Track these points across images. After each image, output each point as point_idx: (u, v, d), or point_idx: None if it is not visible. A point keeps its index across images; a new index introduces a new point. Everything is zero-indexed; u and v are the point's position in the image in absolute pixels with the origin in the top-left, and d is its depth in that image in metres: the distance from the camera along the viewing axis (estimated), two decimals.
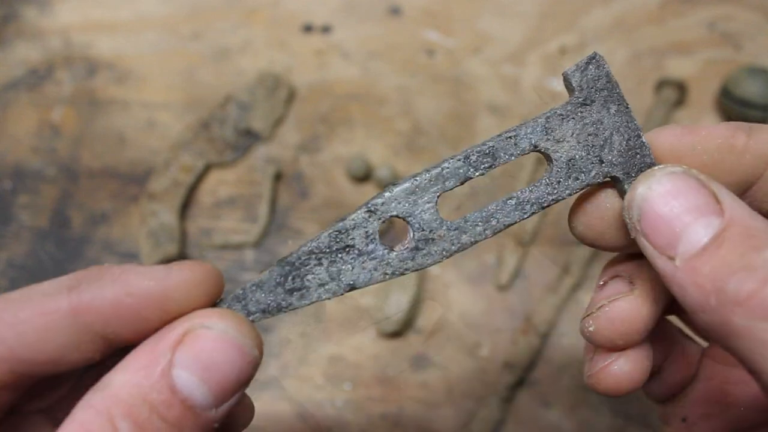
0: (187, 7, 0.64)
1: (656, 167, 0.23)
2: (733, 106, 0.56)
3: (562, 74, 0.25)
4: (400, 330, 0.51)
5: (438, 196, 0.24)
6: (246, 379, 0.23)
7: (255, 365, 0.23)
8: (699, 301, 0.20)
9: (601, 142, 0.24)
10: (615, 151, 0.24)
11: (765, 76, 0.55)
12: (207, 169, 0.58)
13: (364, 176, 0.56)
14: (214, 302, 0.23)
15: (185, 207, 0.57)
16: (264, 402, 0.50)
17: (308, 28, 0.63)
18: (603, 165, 0.24)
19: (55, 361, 0.22)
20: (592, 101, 0.24)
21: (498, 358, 0.51)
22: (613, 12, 0.63)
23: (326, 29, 0.63)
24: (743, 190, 0.24)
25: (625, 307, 0.25)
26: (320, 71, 0.62)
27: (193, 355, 0.22)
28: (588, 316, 0.26)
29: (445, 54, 0.62)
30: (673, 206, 0.21)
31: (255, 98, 0.59)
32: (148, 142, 0.59)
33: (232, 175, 0.58)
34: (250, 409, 0.27)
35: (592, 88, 0.25)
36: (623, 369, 0.26)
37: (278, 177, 0.57)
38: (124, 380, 0.21)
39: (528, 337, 0.50)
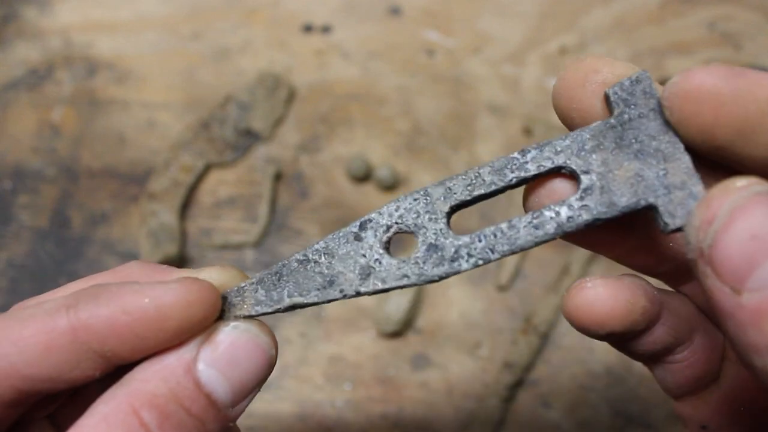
0: (187, 7, 0.64)
1: (737, 182, 0.19)
2: None
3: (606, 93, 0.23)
4: (400, 330, 0.51)
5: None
6: (263, 378, 0.23)
7: (272, 366, 0.24)
8: (758, 345, 0.18)
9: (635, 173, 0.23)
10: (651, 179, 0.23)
11: None
12: (207, 169, 0.58)
13: (364, 176, 0.56)
14: (212, 318, 0.23)
15: (185, 207, 0.57)
16: (264, 402, 0.50)
17: (308, 28, 0.63)
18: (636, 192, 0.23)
19: (55, 379, 0.22)
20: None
21: (498, 358, 0.51)
22: (613, 12, 0.63)
23: (326, 29, 0.63)
24: None
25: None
26: (320, 71, 0.62)
27: (218, 351, 0.22)
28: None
29: (445, 54, 0.62)
30: (755, 235, 0.18)
31: (255, 98, 0.59)
32: (148, 142, 0.59)
33: (232, 175, 0.58)
34: None
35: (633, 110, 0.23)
36: (598, 292, 0.23)
37: (278, 177, 0.57)
38: (149, 375, 0.22)
39: (528, 337, 0.50)
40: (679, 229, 0.22)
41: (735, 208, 0.19)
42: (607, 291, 0.23)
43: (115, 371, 0.23)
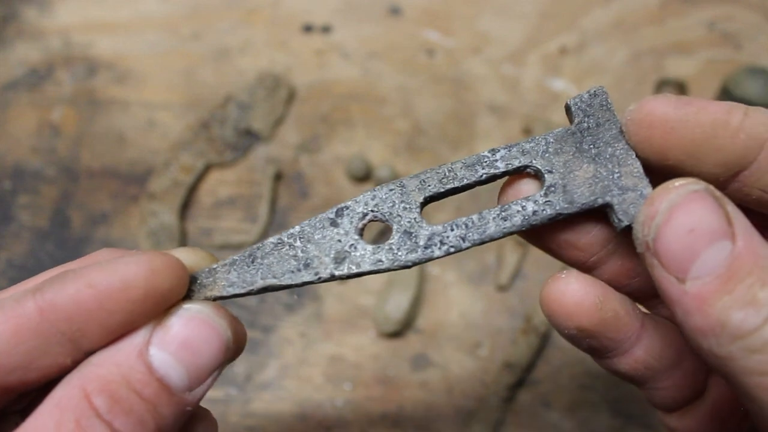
0: (187, 7, 0.64)
1: (676, 182, 0.22)
2: None
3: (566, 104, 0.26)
4: (400, 330, 0.51)
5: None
6: (221, 362, 0.23)
7: (230, 349, 0.24)
8: (703, 328, 0.20)
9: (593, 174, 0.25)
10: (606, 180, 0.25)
11: (765, 76, 0.55)
12: (207, 169, 0.58)
13: (364, 176, 0.56)
14: (178, 290, 0.23)
15: (185, 207, 0.57)
16: (264, 402, 0.50)
17: (308, 28, 0.63)
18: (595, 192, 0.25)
19: (26, 367, 0.22)
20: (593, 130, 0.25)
21: (498, 358, 0.51)
22: (613, 12, 0.63)
23: (326, 29, 0.63)
24: (733, 174, 0.23)
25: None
26: (320, 71, 0.62)
27: (170, 335, 0.22)
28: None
29: (445, 54, 0.62)
30: (692, 229, 0.21)
31: (255, 98, 0.59)
32: (148, 142, 0.59)
33: (232, 175, 0.58)
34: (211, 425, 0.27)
35: (591, 118, 0.25)
36: (570, 284, 0.25)
37: (278, 177, 0.57)
38: (102, 359, 0.22)
39: (528, 337, 0.51)
40: (631, 226, 0.24)
41: (674, 204, 0.21)
42: (579, 284, 0.25)
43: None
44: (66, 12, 0.64)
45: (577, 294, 0.25)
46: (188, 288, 0.24)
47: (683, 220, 0.21)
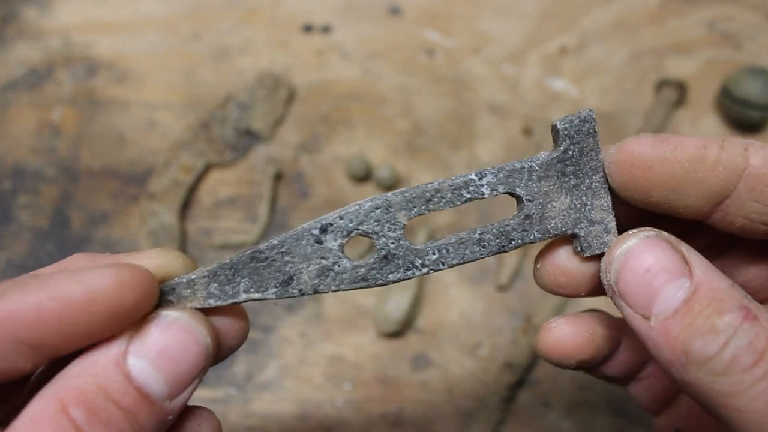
0: (187, 7, 0.64)
1: (630, 232, 0.24)
2: (733, 106, 0.56)
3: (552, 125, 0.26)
4: (400, 330, 0.51)
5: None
6: (201, 369, 0.23)
7: (209, 355, 0.23)
8: (671, 359, 0.22)
9: (568, 203, 0.26)
10: (580, 211, 0.26)
11: (765, 76, 0.55)
12: (207, 169, 0.58)
13: (364, 176, 0.56)
14: (146, 303, 0.23)
15: (185, 207, 0.57)
16: (264, 402, 0.50)
17: (308, 28, 0.63)
18: (568, 222, 0.26)
19: None
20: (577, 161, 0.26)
21: (498, 358, 0.51)
22: (613, 12, 0.63)
23: (326, 29, 0.63)
24: (715, 204, 0.24)
25: (569, 251, 0.27)
26: (320, 71, 0.62)
27: (148, 343, 0.22)
28: (538, 256, 0.28)
29: (445, 54, 0.62)
30: (647, 269, 0.23)
31: (255, 98, 0.59)
32: (148, 142, 0.59)
33: (232, 175, 0.58)
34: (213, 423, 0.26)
35: (578, 146, 0.26)
36: (563, 330, 0.28)
37: (278, 177, 0.57)
38: (78, 370, 0.21)
39: (528, 337, 0.51)
40: (591, 257, 0.26)
41: (628, 249, 0.24)
42: (570, 328, 0.28)
43: (57, 365, 0.22)
44: (66, 12, 0.64)
45: (573, 337, 0.28)
46: (165, 299, 0.24)
47: (638, 262, 0.23)
